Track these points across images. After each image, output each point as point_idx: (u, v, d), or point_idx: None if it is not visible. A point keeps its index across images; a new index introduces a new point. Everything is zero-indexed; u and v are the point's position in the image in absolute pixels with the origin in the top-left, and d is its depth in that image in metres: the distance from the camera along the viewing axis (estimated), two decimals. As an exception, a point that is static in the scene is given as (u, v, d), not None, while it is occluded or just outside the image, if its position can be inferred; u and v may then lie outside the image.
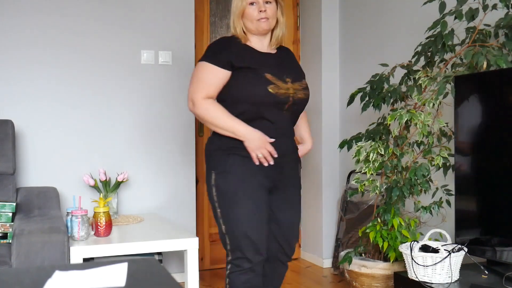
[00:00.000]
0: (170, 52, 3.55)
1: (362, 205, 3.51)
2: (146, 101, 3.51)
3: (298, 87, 2.19)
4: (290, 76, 2.18)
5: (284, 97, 2.13)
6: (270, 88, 2.11)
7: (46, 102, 3.29)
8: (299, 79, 2.23)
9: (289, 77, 2.17)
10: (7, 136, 2.93)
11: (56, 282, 1.12)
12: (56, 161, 3.31)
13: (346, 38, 3.88)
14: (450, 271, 2.25)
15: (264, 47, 2.24)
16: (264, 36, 2.23)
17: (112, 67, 3.43)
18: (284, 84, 2.15)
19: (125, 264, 1.25)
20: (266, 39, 2.25)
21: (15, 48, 3.22)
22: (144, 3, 3.50)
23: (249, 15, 2.16)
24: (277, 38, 2.25)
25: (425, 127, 2.49)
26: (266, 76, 2.12)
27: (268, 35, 2.25)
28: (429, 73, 2.58)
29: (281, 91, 2.12)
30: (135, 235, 2.80)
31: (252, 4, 2.16)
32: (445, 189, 2.61)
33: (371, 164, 2.65)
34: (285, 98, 2.14)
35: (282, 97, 2.13)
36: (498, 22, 2.48)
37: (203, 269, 3.83)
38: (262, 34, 2.21)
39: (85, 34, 3.37)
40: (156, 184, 3.54)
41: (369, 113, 2.99)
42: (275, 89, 2.12)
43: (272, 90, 2.11)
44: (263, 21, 2.16)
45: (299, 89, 2.18)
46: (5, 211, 2.69)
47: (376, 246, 2.74)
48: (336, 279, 3.61)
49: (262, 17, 2.15)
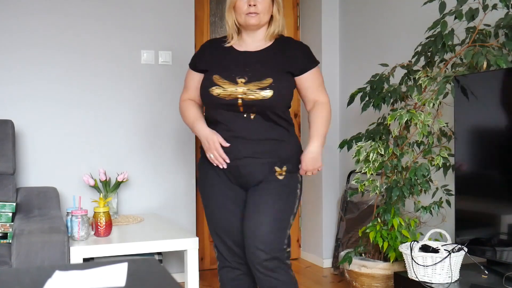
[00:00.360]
0: (170, 52, 3.55)
1: (362, 205, 3.51)
2: (146, 101, 3.51)
3: (253, 87, 2.07)
4: (246, 76, 2.09)
5: (230, 99, 2.08)
6: (211, 90, 2.10)
7: (46, 102, 3.29)
8: (259, 78, 2.08)
9: (244, 77, 2.09)
10: (7, 136, 2.94)
11: (56, 282, 1.12)
12: (56, 161, 3.31)
13: (346, 38, 3.88)
14: (450, 271, 2.25)
15: (255, 43, 2.19)
16: (255, 32, 2.18)
17: (112, 67, 3.43)
18: (233, 85, 2.09)
19: (125, 264, 1.25)
20: (259, 35, 2.19)
21: (15, 48, 3.22)
22: (144, 3, 3.50)
23: (238, 8, 2.12)
24: (270, 35, 2.18)
25: (425, 127, 2.49)
26: (212, 78, 2.12)
27: (262, 30, 2.18)
28: (429, 73, 2.58)
29: (225, 92, 2.08)
30: (135, 235, 2.80)
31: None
32: (445, 189, 2.61)
33: (371, 164, 2.65)
34: (231, 100, 2.08)
35: (226, 98, 2.08)
36: (498, 22, 2.48)
37: (203, 269, 3.83)
38: (251, 29, 2.16)
39: (85, 34, 3.37)
40: (156, 184, 3.54)
41: (369, 113, 2.99)
42: (218, 90, 2.09)
43: (214, 91, 2.09)
44: (252, 16, 2.11)
45: (252, 89, 2.06)
46: (5, 211, 2.69)
47: (376, 246, 2.74)
48: (336, 279, 3.61)
49: (251, 11, 2.10)
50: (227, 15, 2.17)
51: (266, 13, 2.13)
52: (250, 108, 2.09)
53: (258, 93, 2.06)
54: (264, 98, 2.06)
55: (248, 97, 2.07)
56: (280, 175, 2.13)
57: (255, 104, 2.07)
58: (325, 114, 2.20)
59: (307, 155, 2.15)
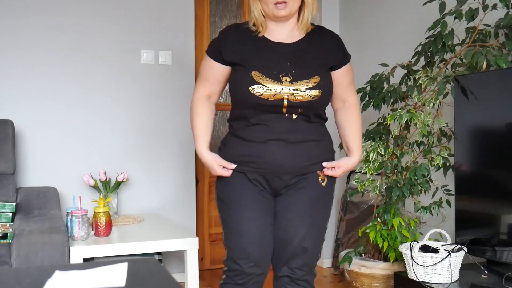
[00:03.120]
0: (170, 52, 3.55)
1: (362, 205, 3.51)
2: (146, 101, 3.51)
3: (300, 87, 1.85)
4: (291, 74, 1.86)
5: (274, 100, 1.84)
6: (252, 90, 1.84)
7: (46, 102, 3.29)
8: (307, 76, 1.87)
9: (288, 74, 1.86)
10: (7, 136, 2.93)
11: (56, 282, 1.12)
12: (56, 161, 3.31)
13: (346, 38, 3.88)
14: (450, 271, 2.25)
15: (285, 34, 1.93)
16: (285, 23, 1.91)
17: (112, 67, 3.43)
18: (277, 83, 1.84)
19: (125, 264, 1.25)
20: (290, 24, 1.92)
21: (15, 48, 3.22)
22: (144, 3, 3.50)
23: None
24: (305, 23, 1.91)
25: (425, 127, 2.49)
26: (252, 75, 1.85)
27: (292, 20, 1.92)
28: (429, 73, 2.58)
29: (269, 92, 1.84)
30: (135, 235, 2.80)
31: None
32: (445, 189, 2.61)
33: (371, 164, 2.65)
34: (275, 101, 1.85)
35: (270, 99, 1.84)
36: (498, 22, 2.48)
37: (203, 269, 3.83)
38: (281, 21, 1.90)
39: (85, 34, 3.37)
40: (156, 184, 3.54)
41: (369, 113, 2.99)
42: (260, 90, 1.84)
43: (255, 91, 1.84)
44: (281, 7, 1.84)
45: (300, 89, 1.85)
46: (5, 211, 2.69)
47: (376, 246, 2.74)
48: (336, 279, 3.61)
49: (279, 1, 1.83)
50: (252, 4, 1.90)
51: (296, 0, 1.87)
52: (295, 109, 1.88)
53: (307, 93, 1.86)
54: (313, 98, 1.87)
55: (295, 98, 1.85)
56: (323, 181, 1.97)
57: (302, 106, 1.87)
58: (360, 120, 2.06)
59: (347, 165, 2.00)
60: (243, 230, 1.92)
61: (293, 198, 1.95)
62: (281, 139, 1.89)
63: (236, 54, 1.91)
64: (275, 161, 1.90)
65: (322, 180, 1.97)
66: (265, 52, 1.90)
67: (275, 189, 1.96)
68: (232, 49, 1.92)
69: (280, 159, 1.90)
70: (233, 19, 4.08)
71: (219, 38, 1.97)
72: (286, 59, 1.88)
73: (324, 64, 1.94)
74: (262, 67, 1.86)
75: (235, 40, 1.93)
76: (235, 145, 1.96)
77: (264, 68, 1.86)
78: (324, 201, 2.00)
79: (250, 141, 1.92)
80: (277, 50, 1.90)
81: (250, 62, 1.88)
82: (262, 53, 1.89)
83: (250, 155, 1.92)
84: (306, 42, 1.93)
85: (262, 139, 1.90)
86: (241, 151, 1.94)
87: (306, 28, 1.93)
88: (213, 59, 1.95)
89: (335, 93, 2.02)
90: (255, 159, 1.91)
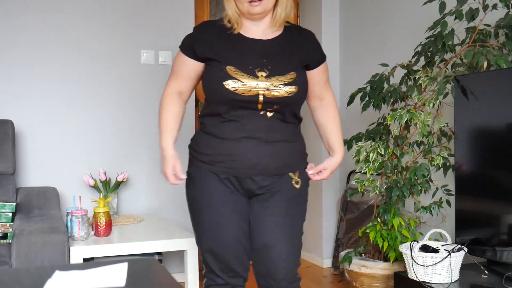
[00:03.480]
0: (170, 52, 3.55)
1: (362, 205, 3.51)
2: (146, 101, 3.51)
3: (276, 82, 1.81)
4: (267, 69, 1.82)
5: (250, 95, 1.79)
6: (227, 84, 1.79)
7: (46, 102, 3.29)
8: (283, 71, 1.83)
9: (264, 69, 1.82)
10: (7, 136, 2.94)
11: (56, 282, 1.12)
12: (56, 161, 3.31)
13: (346, 38, 3.88)
14: (450, 271, 2.25)
15: (261, 32, 1.89)
16: (260, 21, 1.88)
17: (112, 67, 3.43)
18: (253, 79, 1.80)
19: (125, 264, 1.25)
20: (265, 22, 1.89)
21: (15, 49, 3.22)
22: (144, 3, 3.50)
23: None
24: (277, 20, 1.88)
25: (425, 127, 2.49)
26: (226, 69, 1.80)
27: (267, 18, 1.89)
28: (429, 73, 2.58)
29: (244, 87, 1.79)
30: (135, 235, 2.80)
31: None
32: (445, 189, 2.61)
33: (371, 164, 2.65)
34: (251, 97, 1.80)
35: (245, 94, 1.79)
36: (498, 22, 2.48)
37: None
38: (256, 19, 1.87)
39: (85, 34, 3.37)
40: (156, 184, 3.54)
41: (369, 113, 2.99)
42: (235, 84, 1.79)
43: (230, 86, 1.79)
44: (255, 4, 1.80)
45: (276, 85, 1.81)
46: (5, 211, 2.69)
47: (376, 246, 2.74)
48: (336, 279, 3.61)
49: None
50: (226, 2, 1.87)
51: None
52: (270, 106, 1.83)
53: (283, 89, 1.82)
54: (289, 95, 1.83)
55: (271, 93, 1.80)
56: (297, 184, 1.92)
57: (277, 102, 1.82)
58: (338, 117, 2.04)
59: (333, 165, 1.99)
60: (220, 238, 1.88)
61: (270, 203, 1.89)
62: (255, 137, 1.84)
63: (210, 49, 1.86)
64: (248, 161, 1.84)
65: (296, 183, 1.92)
66: (241, 48, 1.86)
67: (248, 190, 1.89)
68: (206, 45, 1.87)
69: (253, 159, 1.84)
70: (233, 19, 4.08)
71: (193, 33, 1.94)
72: (262, 55, 1.85)
73: (301, 61, 1.90)
74: (238, 62, 1.82)
75: (209, 36, 1.88)
76: (206, 143, 1.90)
77: (240, 63, 1.82)
78: (300, 205, 1.96)
79: (222, 138, 1.86)
80: (253, 46, 1.87)
81: (225, 57, 1.83)
82: (237, 49, 1.85)
83: (221, 154, 1.86)
84: (282, 39, 1.91)
85: (235, 136, 1.84)
86: (212, 150, 1.88)
87: (279, 25, 1.90)
88: (186, 55, 1.91)
89: (313, 91, 2.00)
90: (227, 158, 1.85)
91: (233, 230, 1.88)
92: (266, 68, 1.82)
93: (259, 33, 1.89)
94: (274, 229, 1.89)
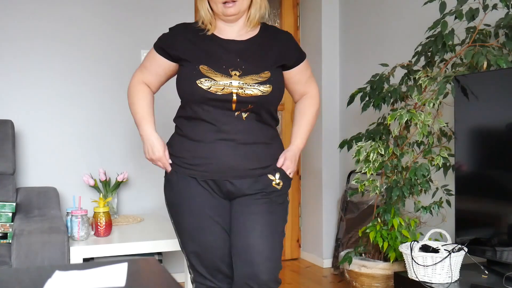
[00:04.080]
0: (170, 52, 3.55)
1: (362, 205, 3.51)
2: (146, 101, 3.51)
3: (250, 81, 1.80)
4: (241, 68, 1.82)
5: (223, 94, 1.78)
6: (200, 83, 1.79)
7: (46, 102, 3.29)
8: (257, 70, 1.82)
9: (238, 68, 1.81)
10: (7, 136, 2.94)
11: (56, 282, 1.12)
12: (56, 161, 3.31)
13: (346, 38, 3.88)
14: (450, 271, 2.25)
15: (236, 33, 1.89)
16: (235, 22, 1.88)
17: (112, 67, 3.43)
18: (226, 77, 1.79)
19: (125, 264, 1.25)
20: (239, 24, 1.89)
21: (15, 49, 3.22)
22: (143, 3, 3.50)
23: None
24: (251, 21, 1.88)
25: (425, 127, 2.49)
26: (199, 68, 1.80)
27: (242, 19, 1.89)
28: (429, 73, 2.58)
29: (216, 86, 1.79)
30: (135, 235, 2.80)
31: None
32: (445, 189, 2.61)
33: (371, 164, 2.65)
34: (224, 95, 1.79)
35: (218, 93, 1.78)
36: (498, 22, 2.48)
37: (203, 269, 3.83)
38: (230, 20, 1.87)
39: (85, 34, 3.37)
40: (156, 184, 3.54)
41: (369, 113, 2.99)
42: (208, 83, 1.79)
43: (203, 84, 1.79)
44: (229, 5, 1.81)
45: (250, 83, 1.80)
46: (5, 211, 2.69)
47: (376, 246, 2.74)
48: (336, 279, 3.61)
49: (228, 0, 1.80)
50: (199, 3, 1.87)
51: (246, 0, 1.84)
52: (244, 106, 1.81)
53: (256, 88, 1.80)
54: (263, 94, 1.82)
55: (244, 92, 1.80)
56: (277, 185, 1.90)
57: (252, 101, 1.81)
58: (314, 111, 2.02)
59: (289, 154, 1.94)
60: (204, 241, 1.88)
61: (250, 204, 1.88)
62: (230, 139, 1.83)
63: (183, 50, 1.87)
64: (224, 163, 1.83)
65: (277, 184, 1.90)
66: (214, 48, 1.86)
67: (227, 193, 1.88)
68: (179, 45, 1.88)
69: (229, 161, 1.83)
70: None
71: (168, 33, 1.95)
72: (235, 55, 1.85)
73: (276, 61, 1.89)
74: (211, 62, 1.82)
75: (183, 37, 1.89)
76: (182, 146, 1.90)
77: (213, 63, 1.82)
78: (281, 206, 1.93)
79: (197, 141, 1.85)
80: (227, 46, 1.87)
81: (199, 57, 1.84)
82: (210, 49, 1.86)
83: (197, 157, 1.85)
84: (257, 40, 1.91)
85: (210, 138, 1.84)
86: (187, 153, 1.87)
87: (254, 26, 1.90)
88: (158, 53, 1.93)
89: (295, 90, 2.01)
90: (203, 161, 1.84)
91: (216, 233, 1.88)
92: (240, 68, 1.82)
93: (234, 34, 1.89)
94: (256, 229, 1.86)
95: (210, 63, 1.82)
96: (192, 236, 1.90)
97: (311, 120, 2.03)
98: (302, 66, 1.99)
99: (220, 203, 1.89)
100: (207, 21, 1.87)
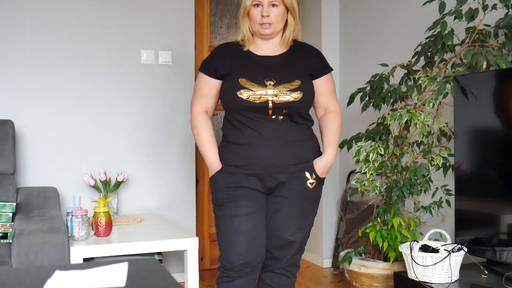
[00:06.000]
0: (170, 52, 3.55)
1: (362, 205, 3.51)
2: (146, 101, 3.51)
3: (283, 89, 2.08)
4: (274, 78, 2.09)
5: (260, 102, 2.06)
6: (239, 93, 2.06)
7: (46, 102, 3.29)
8: (288, 80, 2.10)
9: (272, 79, 2.09)
10: (7, 136, 2.94)
11: (56, 282, 1.12)
12: (56, 161, 3.31)
13: (346, 38, 3.88)
14: (450, 271, 2.26)
15: (270, 49, 2.17)
16: (270, 40, 2.17)
17: (112, 67, 3.43)
18: (262, 87, 2.07)
19: (125, 264, 1.25)
20: (274, 41, 2.17)
21: (15, 49, 3.22)
22: (144, 3, 3.50)
23: (252, 17, 2.11)
24: (285, 41, 2.16)
25: (425, 127, 2.49)
26: (239, 81, 2.08)
27: (277, 38, 2.17)
28: (429, 73, 2.58)
29: (254, 96, 2.06)
30: (135, 235, 2.80)
31: (257, 6, 2.09)
32: (445, 189, 2.61)
33: (371, 164, 2.65)
34: (261, 103, 2.06)
35: (256, 101, 2.06)
36: (498, 22, 2.48)
37: (203, 269, 3.83)
38: (266, 39, 2.15)
39: (85, 34, 3.37)
40: (156, 184, 3.54)
41: (369, 113, 2.99)
42: (247, 93, 2.06)
43: (243, 95, 2.06)
44: (265, 27, 2.09)
45: (283, 91, 2.07)
46: (5, 211, 2.69)
47: (376, 246, 2.75)
48: (336, 279, 3.61)
49: (264, 22, 2.08)
50: (241, 21, 2.15)
51: (280, 22, 2.11)
52: (279, 111, 2.08)
53: (289, 95, 2.08)
54: (295, 100, 2.08)
55: (279, 99, 2.06)
56: (311, 184, 2.15)
57: (285, 107, 2.07)
58: (338, 122, 2.23)
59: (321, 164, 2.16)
60: (232, 227, 2.11)
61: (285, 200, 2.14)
62: (271, 139, 2.09)
63: (226, 66, 2.14)
64: (267, 161, 2.09)
65: (311, 183, 2.15)
66: (250, 63, 2.14)
67: (269, 188, 2.13)
68: (222, 63, 2.15)
69: (271, 159, 2.08)
70: (233, 19, 4.08)
71: (211, 55, 2.21)
72: (269, 69, 2.12)
73: (304, 70, 2.16)
74: (248, 75, 2.10)
75: (224, 55, 2.18)
76: (229, 151, 2.14)
77: (250, 76, 2.09)
78: (313, 203, 2.21)
79: (241, 144, 2.11)
80: (261, 62, 2.14)
81: (238, 71, 2.11)
82: (247, 64, 2.14)
83: (243, 158, 2.10)
84: (288, 54, 2.17)
85: (252, 141, 2.09)
86: (234, 156, 2.12)
87: (287, 45, 2.17)
88: (208, 75, 2.17)
89: (318, 101, 2.23)
90: (248, 162, 2.09)
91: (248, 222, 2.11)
92: (274, 78, 2.09)
93: (269, 50, 2.17)
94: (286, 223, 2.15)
95: (248, 76, 2.09)
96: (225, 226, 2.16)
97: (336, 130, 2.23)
98: (325, 78, 2.22)
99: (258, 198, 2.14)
100: (247, 38, 2.16)
